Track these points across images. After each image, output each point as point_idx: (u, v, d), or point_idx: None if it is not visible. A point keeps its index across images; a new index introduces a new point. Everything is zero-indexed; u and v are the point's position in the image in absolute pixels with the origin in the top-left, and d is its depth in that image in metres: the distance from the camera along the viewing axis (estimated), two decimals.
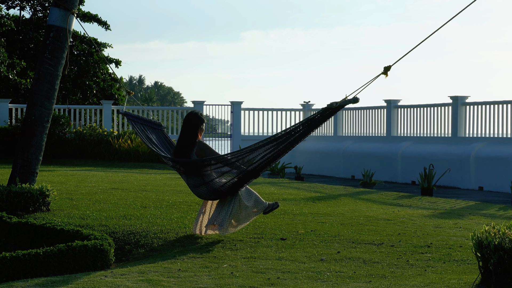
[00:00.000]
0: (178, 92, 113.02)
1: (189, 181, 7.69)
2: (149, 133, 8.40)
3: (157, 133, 8.51)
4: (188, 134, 7.82)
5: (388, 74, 6.71)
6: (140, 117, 8.62)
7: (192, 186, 7.67)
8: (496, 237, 5.53)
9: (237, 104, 24.42)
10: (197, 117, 7.86)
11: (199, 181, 7.58)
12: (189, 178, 7.68)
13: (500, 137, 17.51)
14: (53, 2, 10.19)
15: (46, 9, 29.79)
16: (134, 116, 8.55)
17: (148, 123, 8.52)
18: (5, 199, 9.40)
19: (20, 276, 6.37)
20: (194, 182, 7.63)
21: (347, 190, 13.93)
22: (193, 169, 7.61)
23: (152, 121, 8.60)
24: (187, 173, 7.69)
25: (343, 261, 6.57)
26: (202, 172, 7.55)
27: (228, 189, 7.54)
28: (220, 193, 7.61)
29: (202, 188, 7.59)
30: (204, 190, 7.60)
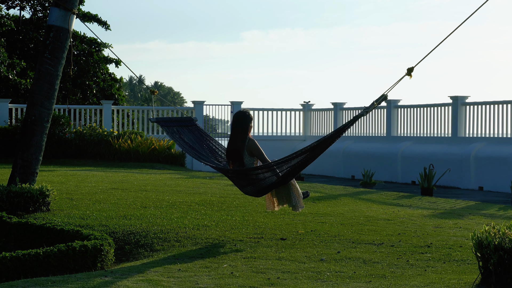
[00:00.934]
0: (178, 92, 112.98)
1: (238, 182, 7.93)
2: (185, 135, 8.51)
3: (191, 131, 8.65)
4: (240, 134, 8.01)
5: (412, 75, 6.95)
6: (172, 118, 8.78)
7: (240, 186, 7.93)
8: (496, 237, 5.53)
9: (237, 104, 24.43)
10: (247, 116, 8.05)
11: (246, 182, 7.81)
12: (237, 180, 7.93)
13: (500, 137, 17.51)
14: (53, 2, 10.19)
15: (46, 9, 29.79)
16: (165, 120, 8.74)
17: (180, 123, 8.68)
18: (5, 199, 9.40)
19: (20, 276, 6.37)
20: (242, 183, 7.88)
21: (347, 190, 13.93)
22: (241, 173, 7.86)
23: (183, 119, 8.78)
24: (235, 176, 7.94)
25: (343, 261, 6.57)
26: (250, 176, 7.78)
27: (273, 186, 7.77)
28: (266, 191, 7.85)
29: (249, 188, 7.84)
30: (251, 190, 7.85)
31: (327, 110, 24.11)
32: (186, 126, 8.69)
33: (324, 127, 24.22)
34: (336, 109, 23.30)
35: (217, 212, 9.66)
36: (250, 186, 7.81)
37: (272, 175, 7.75)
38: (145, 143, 20.93)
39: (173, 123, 8.64)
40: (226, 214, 9.49)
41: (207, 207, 10.15)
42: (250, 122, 8.06)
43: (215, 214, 9.46)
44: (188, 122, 8.77)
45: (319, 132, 24.50)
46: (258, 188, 7.80)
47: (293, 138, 25.00)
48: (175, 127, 8.60)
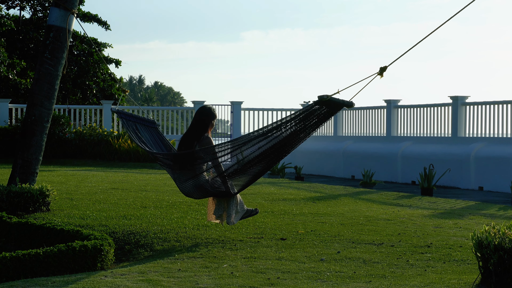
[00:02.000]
0: (178, 92, 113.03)
1: (179, 176, 7.51)
2: (141, 132, 8.28)
3: (150, 131, 8.41)
4: (197, 128, 7.72)
5: (383, 75, 6.68)
6: (133, 115, 8.50)
7: (180, 182, 7.52)
8: (496, 237, 5.53)
9: (237, 104, 24.42)
10: (211, 113, 7.76)
11: (188, 175, 7.44)
12: (179, 171, 7.51)
13: (500, 137, 17.50)
14: (53, 2, 10.19)
15: (46, 9, 29.79)
16: (126, 114, 8.43)
17: (141, 121, 8.40)
18: (5, 199, 9.40)
19: (20, 276, 6.37)
20: (183, 176, 7.48)
21: (347, 190, 13.93)
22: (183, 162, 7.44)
23: (145, 119, 8.49)
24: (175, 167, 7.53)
25: (343, 261, 6.57)
26: (192, 166, 7.39)
27: (214, 188, 7.44)
28: (206, 192, 7.51)
29: (189, 183, 7.45)
30: (190, 185, 7.47)
31: None
32: (145, 126, 8.48)
33: (324, 127, 24.21)
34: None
35: None
36: (190, 181, 7.39)
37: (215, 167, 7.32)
38: None
39: (133, 119, 8.42)
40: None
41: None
42: (212, 119, 7.75)
43: None
44: (150, 123, 8.55)
45: (319, 132, 24.49)
46: (198, 184, 7.40)
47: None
48: (134, 123, 8.36)
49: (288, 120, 6.86)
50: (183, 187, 7.55)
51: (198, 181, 7.44)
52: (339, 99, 6.62)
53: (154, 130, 8.49)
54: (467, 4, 6.23)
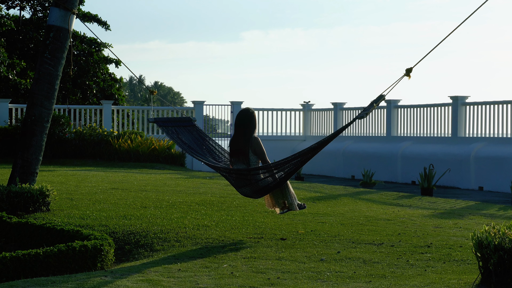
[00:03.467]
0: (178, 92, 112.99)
1: (236, 183, 7.90)
2: (183, 135, 8.51)
3: (190, 131, 8.64)
4: (246, 132, 8.08)
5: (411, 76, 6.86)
6: (170, 118, 8.79)
7: (237, 187, 7.90)
8: (496, 237, 5.53)
9: (237, 104, 24.43)
10: (253, 115, 8.14)
11: (245, 183, 7.81)
12: (236, 180, 7.90)
13: (500, 137, 17.51)
14: (53, 2, 10.19)
15: (46, 9, 29.79)
16: (163, 120, 8.74)
17: (179, 123, 8.69)
18: (5, 199, 9.40)
19: (20, 276, 6.37)
20: (240, 183, 7.85)
21: (347, 190, 13.93)
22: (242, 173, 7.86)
23: (182, 119, 8.79)
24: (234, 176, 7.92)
25: (343, 261, 6.57)
26: (249, 176, 7.80)
27: (271, 188, 7.78)
28: (263, 193, 7.84)
29: (246, 189, 7.83)
30: (248, 190, 7.84)
31: (327, 110, 24.11)
32: (184, 127, 8.69)
33: (324, 127, 24.22)
34: (336, 109, 23.30)
35: (217, 212, 9.66)
36: (247, 187, 7.81)
37: (269, 177, 7.75)
38: (145, 143, 20.93)
39: (171, 123, 8.64)
40: (226, 214, 9.49)
41: (207, 207, 10.15)
42: (255, 120, 8.15)
43: (215, 214, 9.46)
44: (187, 122, 8.77)
45: (319, 132, 24.50)
46: (256, 189, 7.80)
47: (293, 138, 25.00)
48: (173, 127, 8.60)
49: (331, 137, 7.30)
50: (242, 191, 7.92)
51: (257, 186, 7.78)
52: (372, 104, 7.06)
53: (193, 129, 8.71)
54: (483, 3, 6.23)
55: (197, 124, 8.86)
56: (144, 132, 23.11)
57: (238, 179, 7.89)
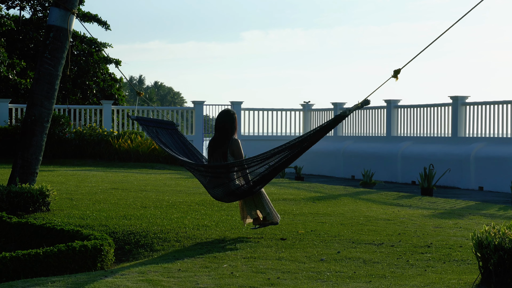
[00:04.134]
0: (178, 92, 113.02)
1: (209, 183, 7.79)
2: (163, 137, 8.44)
3: (170, 134, 8.56)
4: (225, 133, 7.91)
5: (398, 77, 6.81)
6: (152, 119, 8.68)
7: (209, 188, 7.79)
8: (496, 237, 5.53)
9: (237, 104, 24.43)
10: (233, 116, 7.99)
11: (218, 183, 7.70)
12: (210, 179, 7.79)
13: (500, 137, 17.51)
14: (53, 2, 10.19)
15: (46, 9, 29.78)
16: (145, 119, 8.64)
17: (160, 125, 8.59)
18: (5, 199, 9.40)
19: (20, 276, 6.37)
20: (212, 183, 7.74)
21: (347, 190, 13.93)
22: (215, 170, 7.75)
23: (164, 122, 8.67)
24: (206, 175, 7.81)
25: (343, 261, 6.57)
26: (222, 174, 7.68)
27: (243, 192, 7.67)
28: (235, 196, 7.72)
29: (219, 190, 7.70)
30: (220, 192, 7.71)
31: (327, 110, 24.11)
32: (165, 129, 8.59)
33: None
34: (336, 109, 23.30)
35: (217, 212, 9.66)
36: (220, 188, 7.66)
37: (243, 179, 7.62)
38: (145, 143, 20.93)
39: (153, 124, 8.55)
40: (226, 214, 9.48)
41: (207, 207, 10.15)
42: (236, 121, 7.99)
43: (215, 214, 9.46)
44: (169, 125, 8.65)
45: None
46: (228, 191, 7.65)
47: (293, 138, 24.98)
48: (154, 128, 8.51)
49: (311, 134, 7.25)
50: (213, 193, 7.79)
51: (228, 187, 7.66)
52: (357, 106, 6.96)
53: (174, 132, 8.62)
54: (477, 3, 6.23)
55: (178, 129, 8.79)
56: (144, 132, 23.10)
57: (212, 179, 7.73)
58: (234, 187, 7.65)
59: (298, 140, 7.30)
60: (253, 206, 7.87)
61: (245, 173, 7.62)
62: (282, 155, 7.37)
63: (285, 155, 7.37)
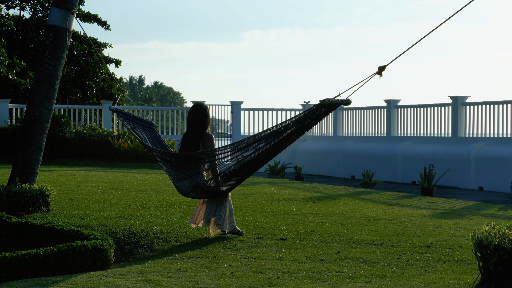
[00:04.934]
0: (178, 92, 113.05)
1: (176, 175, 7.64)
2: (139, 131, 8.36)
3: (147, 132, 8.49)
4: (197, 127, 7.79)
5: (382, 74, 6.74)
6: (131, 114, 8.60)
7: (176, 180, 7.65)
8: (496, 237, 5.53)
9: (237, 104, 24.42)
10: (205, 110, 7.85)
11: (185, 174, 7.56)
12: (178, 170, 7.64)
13: (500, 137, 17.50)
14: (53, 2, 10.19)
15: (46, 9, 29.78)
16: (124, 113, 8.54)
17: (139, 121, 8.51)
18: (5, 199, 9.40)
19: (20, 276, 6.36)
20: (180, 175, 7.60)
21: (347, 190, 13.93)
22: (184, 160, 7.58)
23: (143, 120, 8.59)
24: (175, 166, 7.66)
25: (343, 261, 6.57)
26: (191, 164, 7.54)
27: (210, 188, 7.56)
28: (201, 191, 7.61)
29: (185, 182, 7.58)
30: (186, 185, 7.59)
31: None
32: (143, 126, 8.56)
33: (324, 127, 24.21)
34: (336, 109, 23.29)
35: None
36: (186, 180, 7.54)
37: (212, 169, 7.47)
38: None
39: (131, 118, 8.52)
40: None
41: None
42: (208, 116, 7.87)
43: None
44: (147, 124, 8.62)
45: (319, 132, 24.49)
46: (194, 184, 7.54)
47: None
48: (132, 122, 8.47)
49: (289, 124, 7.03)
50: (179, 186, 7.66)
51: (195, 180, 7.55)
52: (338, 99, 6.76)
53: (151, 130, 8.54)
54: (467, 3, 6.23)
55: (156, 131, 8.73)
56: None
57: (179, 170, 7.60)
58: (201, 181, 7.55)
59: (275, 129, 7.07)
60: (213, 210, 7.77)
61: (214, 165, 7.47)
62: (258, 146, 7.18)
63: (261, 147, 7.17)
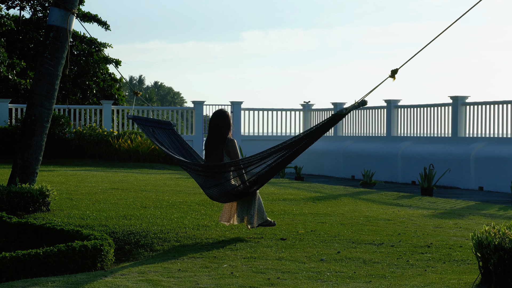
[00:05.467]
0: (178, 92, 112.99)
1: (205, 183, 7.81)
2: (160, 136, 8.47)
3: (167, 134, 8.59)
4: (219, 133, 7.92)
5: (395, 77, 6.83)
6: (149, 119, 8.73)
7: (205, 187, 7.80)
8: (496, 237, 5.53)
9: (237, 104, 24.43)
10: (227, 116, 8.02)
11: (214, 182, 7.72)
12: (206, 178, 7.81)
13: (500, 137, 17.51)
14: (53, 2, 10.19)
15: (46, 9, 29.77)
16: (142, 119, 8.70)
17: (157, 124, 8.64)
18: (5, 199, 9.40)
19: (20, 276, 6.37)
20: (209, 183, 7.76)
21: (347, 190, 13.93)
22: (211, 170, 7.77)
23: (161, 121, 8.72)
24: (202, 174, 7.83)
25: (343, 261, 6.57)
26: (219, 174, 7.70)
27: (239, 192, 7.69)
28: (230, 196, 7.73)
29: (214, 189, 7.72)
30: (216, 191, 7.73)
31: (327, 110, 24.11)
32: (162, 128, 8.64)
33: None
34: (336, 109, 23.30)
35: (217, 212, 9.66)
36: (215, 187, 7.69)
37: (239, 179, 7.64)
38: (145, 143, 20.93)
39: (149, 123, 8.60)
40: None
41: (207, 207, 10.15)
42: (230, 121, 8.01)
43: (215, 214, 9.46)
44: (166, 125, 8.68)
45: None
46: (223, 191, 7.67)
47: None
48: (151, 127, 8.56)
49: (308, 133, 7.21)
50: (209, 192, 7.82)
51: (224, 187, 7.69)
52: (354, 105, 6.96)
53: (171, 132, 8.65)
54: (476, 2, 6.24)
55: (175, 130, 8.82)
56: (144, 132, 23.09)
57: (208, 178, 7.75)
58: (230, 187, 7.68)
59: (295, 139, 7.29)
60: (245, 208, 7.88)
61: (241, 173, 7.63)
62: (279, 155, 7.37)
63: (282, 155, 7.37)
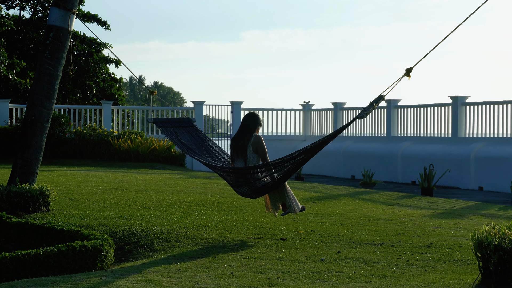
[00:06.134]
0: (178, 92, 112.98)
1: (234, 182, 7.94)
2: (182, 136, 8.57)
3: (189, 132, 8.71)
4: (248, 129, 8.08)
5: (411, 76, 6.88)
6: (169, 119, 8.85)
7: (235, 186, 7.94)
8: (496, 237, 5.53)
9: (237, 104, 24.43)
10: (258, 117, 8.20)
11: (243, 182, 7.86)
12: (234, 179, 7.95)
13: (500, 137, 17.50)
14: (53, 2, 10.19)
15: (46, 9, 29.77)
16: (163, 120, 8.83)
17: (178, 124, 8.76)
18: (5, 199, 9.40)
19: (20, 276, 6.37)
20: (238, 183, 7.90)
21: (347, 190, 13.93)
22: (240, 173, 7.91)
23: (181, 120, 8.87)
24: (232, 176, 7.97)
25: (343, 261, 6.57)
26: (247, 175, 7.83)
27: (268, 189, 7.82)
28: (261, 193, 7.87)
29: (244, 188, 7.86)
30: (246, 190, 7.87)
31: (327, 110, 24.11)
32: (183, 127, 8.74)
33: (324, 127, 24.22)
34: (336, 109, 23.31)
35: (217, 212, 9.66)
36: (246, 187, 7.85)
37: (267, 176, 7.78)
38: (145, 143, 20.93)
39: (170, 124, 8.70)
40: (226, 214, 9.48)
41: (207, 207, 10.15)
42: (259, 121, 8.18)
43: (215, 214, 9.46)
44: (186, 123, 8.82)
45: (319, 132, 24.49)
46: (253, 189, 7.83)
47: (293, 138, 25.00)
48: (172, 128, 8.67)
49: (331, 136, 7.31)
50: (239, 191, 7.96)
51: (254, 185, 7.82)
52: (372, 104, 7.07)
53: (192, 129, 8.77)
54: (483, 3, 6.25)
55: (196, 125, 8.90)
56: (144, 132, 23.10)
57: (236, 179, 7.92)
58: (260, 184, 7.81)
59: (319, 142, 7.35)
60: (278, 198, 8.08)
61: (271, 172, 7.78)
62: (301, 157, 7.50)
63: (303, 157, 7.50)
